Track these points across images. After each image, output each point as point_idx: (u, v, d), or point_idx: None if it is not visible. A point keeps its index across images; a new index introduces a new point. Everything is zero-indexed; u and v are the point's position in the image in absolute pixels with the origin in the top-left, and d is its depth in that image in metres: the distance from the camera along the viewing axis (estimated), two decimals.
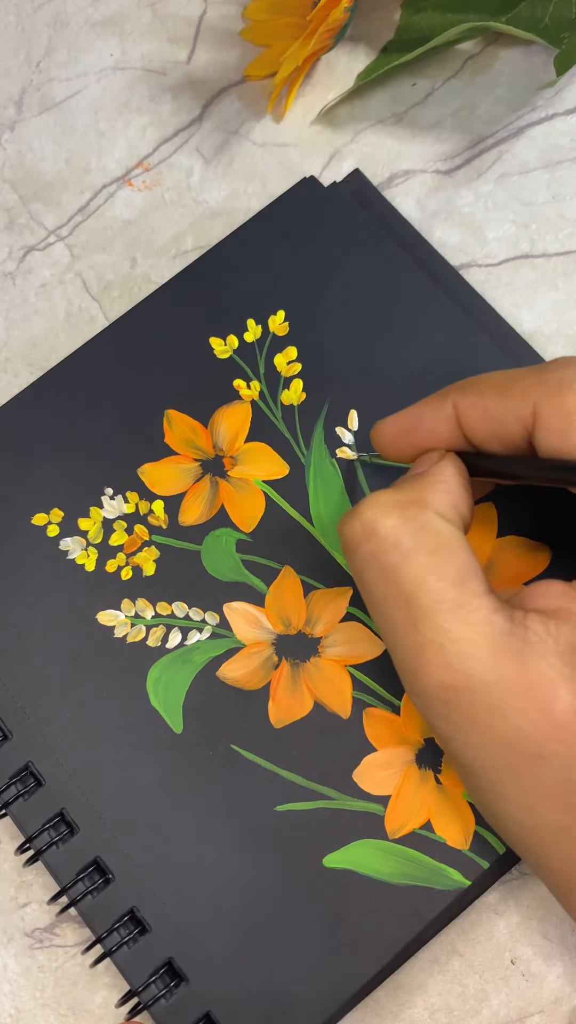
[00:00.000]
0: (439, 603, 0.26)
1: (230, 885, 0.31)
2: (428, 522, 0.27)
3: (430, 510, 0.27)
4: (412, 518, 0.27)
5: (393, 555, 0.26)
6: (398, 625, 0.26)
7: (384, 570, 0.26)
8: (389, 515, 0.27)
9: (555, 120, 0.39)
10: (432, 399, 0.29)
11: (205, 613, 0.34)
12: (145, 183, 0.40)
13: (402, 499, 0.27)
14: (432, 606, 0.26)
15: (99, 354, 0.36)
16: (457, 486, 0.28)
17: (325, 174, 0.40)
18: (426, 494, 0.27)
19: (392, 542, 0.26)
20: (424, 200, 0.39)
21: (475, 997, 0.32)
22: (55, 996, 0.33)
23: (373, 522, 0.27)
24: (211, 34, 0.42)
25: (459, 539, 0.27)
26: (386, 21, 0.41)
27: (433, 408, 0.29)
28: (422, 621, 0.26)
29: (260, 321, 0.36)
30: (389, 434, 0.30)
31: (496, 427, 0.28)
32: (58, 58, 0.42)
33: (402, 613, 0.26)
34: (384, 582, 0.27)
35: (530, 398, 0.27)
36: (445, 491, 0.27)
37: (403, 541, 0.26)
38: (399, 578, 0.26)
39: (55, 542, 0.35)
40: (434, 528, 0.26)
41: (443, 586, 0.26)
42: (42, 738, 0.33)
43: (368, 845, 0.31)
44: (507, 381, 0.28)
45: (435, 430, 0.29)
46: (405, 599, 0.26)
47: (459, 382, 0.29)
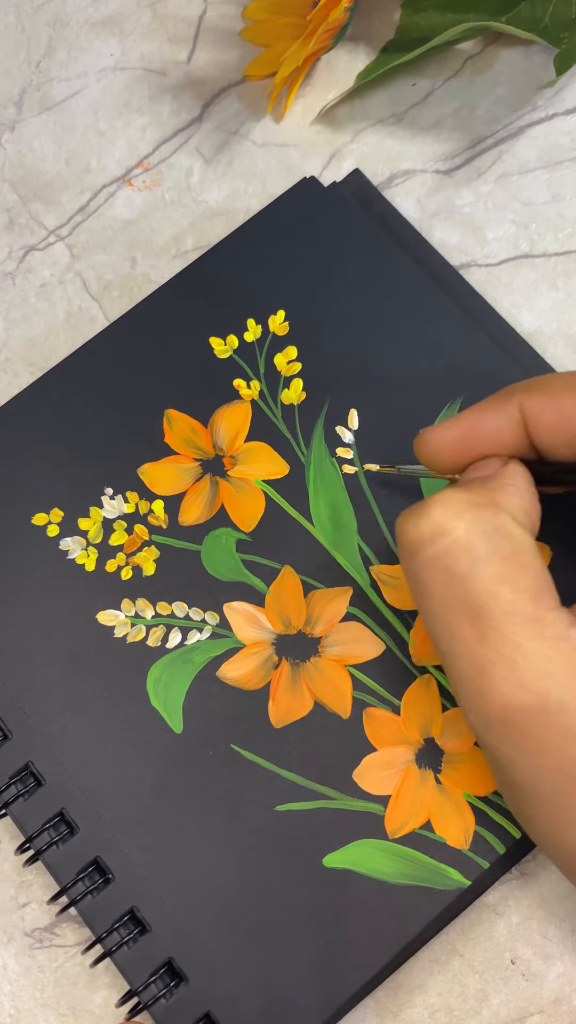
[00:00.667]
0: (512, 616, 0.24)
1: (230, 885, 0.31)
2: (503, 526, 0.24)
3: (505, 514, 0.25)
4: (486, 520, 0.24)
5: (464, 560, 0.24)
6: (462, 637, 0.24)
7: (451, 576, 0.24)
8: (462, 516, 0.25)
9: (555, 120, 0.39)
10: (493, 401, 0.27)
11: (205, 613, 0.34)
12: (145, 183, 0.40)
13: (476, 499, 0.25)
14: (504, 618, 0.24)
15: (99, 354, 0.36)
16: (528, 491, 0.26)
17: (325, 174, 0.40)
18: (499, 496, 0.25)
19: (463, 546, 0.24)
20: (424, 200, 0.39)
21: (475, 997, 0.32)
22: (55, 996, 0.33)
23: (443, 522, 0.25)
24: (211, 34, 0.42)
25: (533, 547, 0.25)
26: (386, 21, 0.41)
27: (495, 411, 0.27)
28: (492, 634, 0.24)
29: (260, 321, 0.36)
30: (444, 441, 0.28)
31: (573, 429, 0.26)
32: (58, 58, 0.42)
33: (468, 624, 0.24)
34: (449, 589, 0.24)
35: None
36: (517, 495, 0.25)
37: (476, 545, 0.24)
38: (469, 586, 0.24)
39: (55, 542, 0.35)
40: (509, 533, 0.24)
41: (517, 597, 0.24)
42: (42, 738, 0.33)
43: (368, 845, 0.31)
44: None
45: (498, 435, 0.27)
46: (473, 609, 0.24)
47: (522, 382, 0.27)
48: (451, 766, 0.31)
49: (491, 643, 0.24)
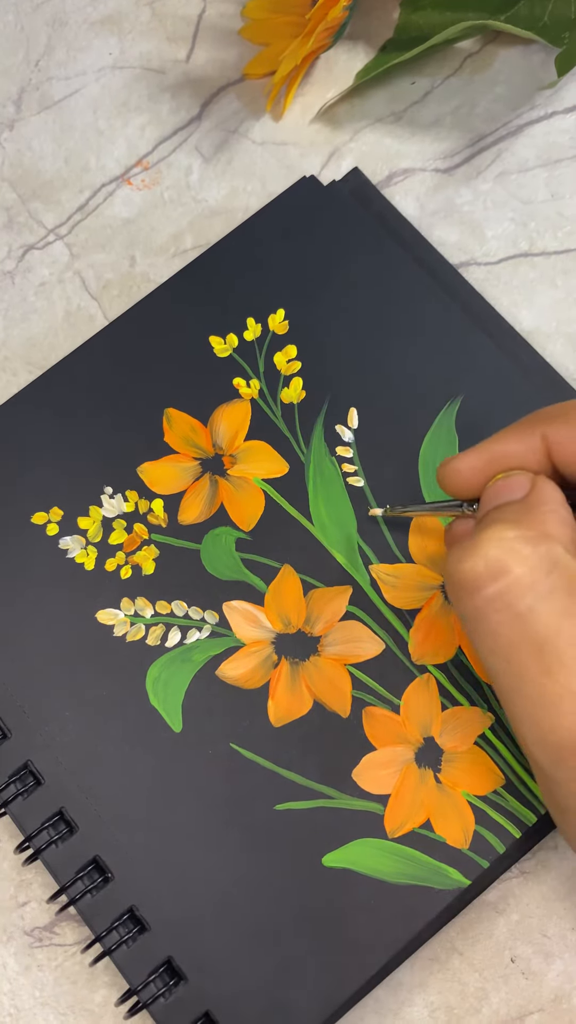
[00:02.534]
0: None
1: (229, 884, 0.31)
2: (559, 559, 0.25)
3: (559, 546, 0.25)
4: (544, 556, 0.24)
5: (527, 597, 0.24)
6: (527, 673, 0.24)
7: (515, 614, 0.24)
8: (519, 553, 0.25)
9: (554, 118, 0.39)
10: (515, 430, 0.27)
11: (204, 612, 0.34)
12: (144, 182, 0.40)
13: (529, 534, 0.25)
14: (571, 653, 0.24)
15: (98, 353, 0.36)
16: (567, 513, 0.26)
17: (324, 173, 0.40)
18: (548, 527, 0.25)
19: (527, 583, 0.24)
20: (423, 198, 0.39)
21: (475, 995, 0.32)
22: (54, 995, 0.33)
23: (502, 561, 0.25)
24: (210, 33, 0.42)
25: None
26: (385, 20, 0.41)
27: (519, 440, 0.27)
28: (559, 669, 0.24)
29: (260, 320, 0.36)
30: (466, 470, 0.28)
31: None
32: (57, 57, 0.42)
33: (533, 660, 0.24)
34: (513, 627, 0.25)
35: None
36: (561, 521, 0.25)
37: (538, 582, 0.24)
38: (533, 622, 0.24)
39: (55, 541, 0.35)
40: (566, 566, 0.24)
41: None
42: (41, 737, 0.33)
43: (367, 844, 0.31)
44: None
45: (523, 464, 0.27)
46: (538, 645, 0.24)
47: (543, 411, 0.27)
48: (451, 765, 0.31)
49: (559, 678, 0.24)
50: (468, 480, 0.28)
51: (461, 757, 0.32)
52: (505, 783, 0.31)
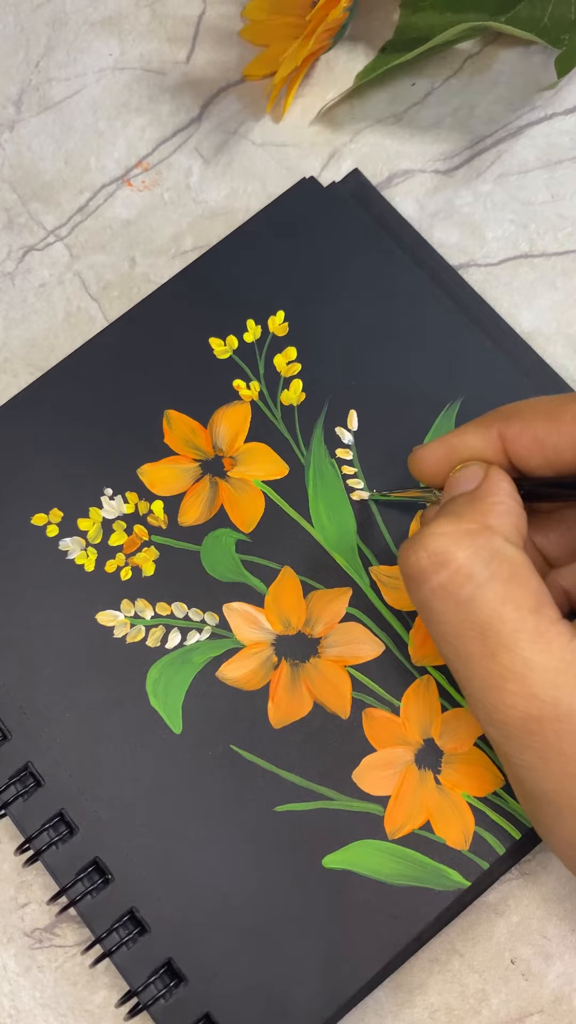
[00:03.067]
0: (518, 632, 0.25)
1: (229, 885, 0.31)
2: (498, 550, 0.26)
3: (498, 536, 0.26)
4: (482, 547, 0.26)
5: (467, 586, 0.26)
6: (473, 657, 0.26)
7: (457, 602, 0.26)
8: (459, 545, 0.26)
9: (554, 120, 0.39)
10: (473, 426, 0.29)
11: (205, 613, 0.34)
12: (144, 183, 0.40)
13: (469, 527, 0.26)
14: (511, 636, 0.25)
15: (98, 354, 0.36)
16: (514, 504, 0.27)
17: (324, 174, 0.40)
18: (489, 519, 0.26)
19: (465, 573, 0.26)
20: (423, 200, 0.39)
21: (475, 997, 0.32)
22: (54, 996, 0.33)
23: (443, 553, 0.26)
24: (210, 34, 0.42)
25: (528, 564, 0.26)
26: (385, 21, 0.41)
27: (477, 436, 0.29)
28: (501, 652, 0.25)
29: (260, 321, 0.36)
30: (430, 459, 0.30)
31: (548, 453, 0.27)
32: (57, 58, 0.42)
33: (478, 645, 0.25)
34: (457, 614, 0.26)
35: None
36: (506, 512, 0.27)
37: (476, 571, 0.26)
38: (474, 609, 0.25)
39: (54, 542, 0.35)
40: (505, 555, 0.26)
41: (520, 615, 0.25)
42: (41, 738, 0.33)
43: (367, 846, 0.31)
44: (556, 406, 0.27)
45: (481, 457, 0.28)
46: (481, 630, 0.25)
47: (500, 409, 0.29)
48: (451, 767, 0.32)
49: (502, 660, 0.25)
50: (431, 468, 0.30)
51: (461, 759, 0.32)
52: (505, 784, 0.31)
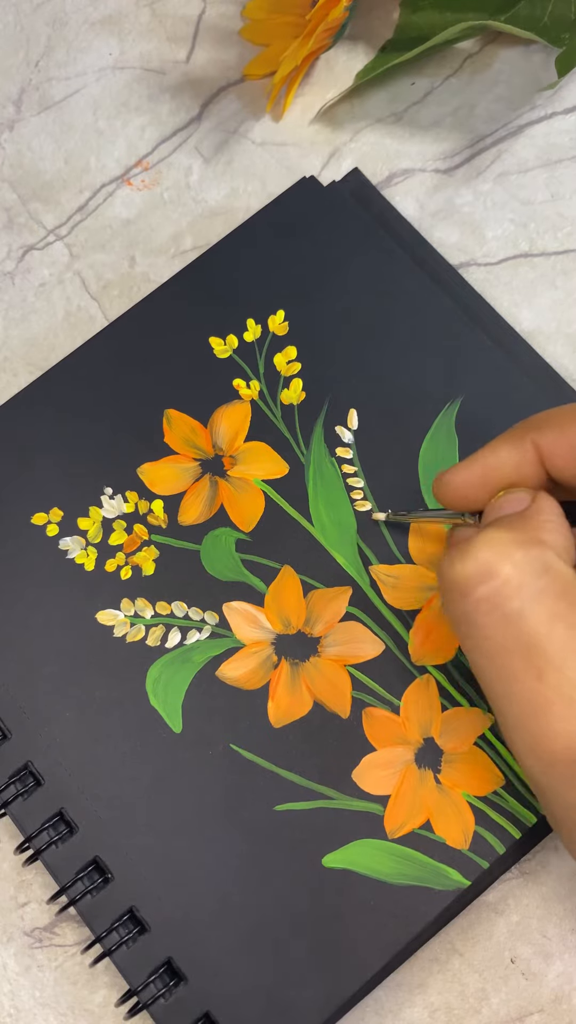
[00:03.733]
0: (569, 652, 0.23)
1: (229, 885, 0.31)
2: (551, 564, 0.24)
3: (551, 550, 0.25)
4: (536, 559, 0.24)
5: (516, 599, 0.24)
6: (517, 676, 0.24)
7: (504, 615, 0.24)
8: (510, 555, 0.24)
9: (554, 119, 0.39)
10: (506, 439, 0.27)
11: (204, 613, 0.34)
12: (144, 182, 0.40)
13: (520, 538, 0.25)
14: (561, 655, 0.24)
15: (98, 354, 0.36)
16: (564, 525, 0.26)
17: (324, 173, 0.40)
18: (542, 534, 0.25)
19: (516, 585, 0.24)
20: (423, 199, 0.39)
21: (475, 996, 0.32)
22: (54, 995, 0.33)
23: (492, 563, 0.24)
24: (210, 33, 0.42)
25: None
26: (385, 20, 0.41)
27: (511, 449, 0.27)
28: (550, 672, 0.24)
29: (260, 321, 0.36)
30: (461, 483, 0.28)
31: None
32: (57, 57, 0.42)
33: (523, 663, 0.24)
34: (502, 628, 0.24)
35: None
36: (556, 530, 0.25)
37: (528, 584, 0.24)
38: (522, 624, 0.24)
39: (55, 541, 0.35)
40: (558, 571, 0.24)
41: (572, 634, 0.24)
42: (41, 737, 0.33)
43: (367, 845, 0.31)
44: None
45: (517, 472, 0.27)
46: (527, 648, 0.24)
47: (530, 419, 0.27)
48: (451, 766, 0.31)
49: (549, 681, 0.24)
50: (462, 493, 0.28)
51: (461, 758, 0.32)
52: (505, 784, 0.31)
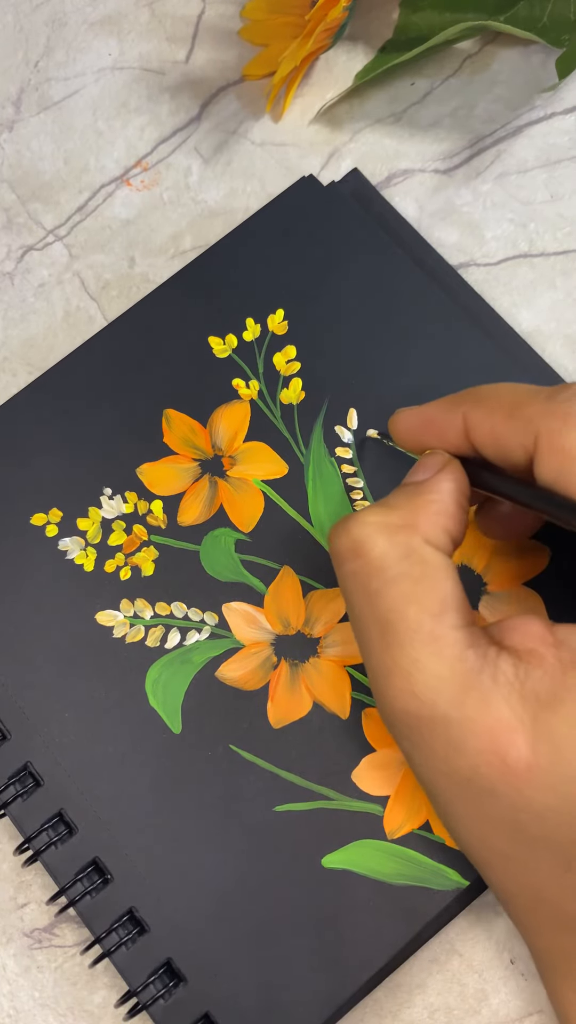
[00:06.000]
0: (414, 632, 0.25)
1: (229, 885, 0.31)
2: (415, 549, 0.26)
3: (419, 536, 0.26)
4: (400, 544, 0.26)
5: (376, 579, 0.26)
6: (372, 645, 0.26)
7: (366, 591, 0.26)
8: (377, 538, 0.26)
9: (554, 119, 0.39)
10: (445, 403, 0.29)
11: (204, 613, 0.34)
12: (143, 183, 0.40)
13: (393, 522, 0.27)
14: (407, 634, 0.25)
15: (97, 354, 0.36)
16: (452, 504, 0.27)
17: (324, 173, 0.40)
18: (419, 517, 0.27)
19: (377, 566, 0.26)
20: (423, 199, 0.39)
21: (474, 996, 0.32)
22: (54, 996, 0.33)
23: (361, 542, 0.26)
24: (209, 33, 0.42)
25: (445, 568, 0.26)
26: (384, 20, 0.41)
27: (444, 414, 0.28)
28: (395, 647, 0.26)
29: (259, 320, 0.36)
30: (402, 427, 0.30)
31: (501, 448, 0.27)
32: (56, 58, 0.42)
33: (377, 635, 0.26)
34: (364, 602, 0.26)
35: (533, 427, 0.26)
36: (438, 512, 0.27)
37: (388, 567, 0.26)
38: (379, 602, 0.26)
39: (54, 542, 0.35)
40: (421, 556, 0.26)
41: (421, 617, 0.25)
42: (41, 738, 0.33)
43: (367, 845, 0.31)
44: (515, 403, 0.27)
45: (445, 435, 0.28)
46: (382, 623, 0.26)
47: (473, 390, 0.28)
48: None
49: (394, 655, 0.26)
50: (403, 435, 0.30)
51: None
52: None
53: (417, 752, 0.26)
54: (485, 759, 0.24)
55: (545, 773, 0.24)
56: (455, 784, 0.25)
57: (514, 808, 0.24)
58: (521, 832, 0.25)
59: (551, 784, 0.24)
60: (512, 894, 0.26)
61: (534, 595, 0.33)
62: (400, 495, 0.28)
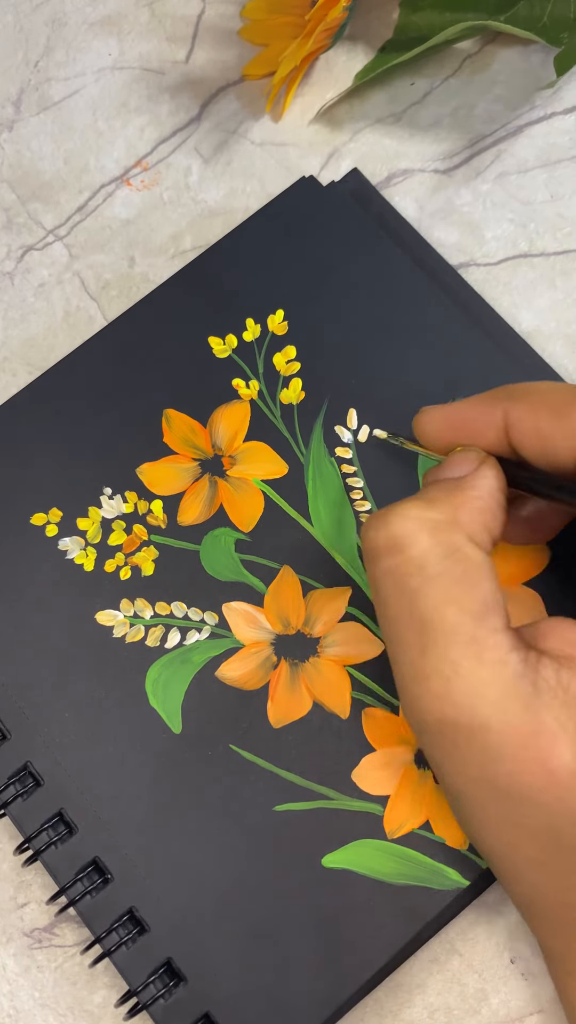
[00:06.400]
0: (454, 635, 0.25)
1: (229, 885, 0.31)
2: (458, 547, 0.25)
3: (462, 533, 0.25)
4: (443, 541, 0.25)
5: (416, 577, 0.25)
6: (407, 646, 0.25)
7: (403, 589, 0.25)
8: (419, 534, 0.25)
9: (553, 119, 0.39)
10: (482, 400, 0.28)
11: (204, 613, 0.34)
12: (143, 183, 0.40)
13: (435, 518, 0.26)
14: (446, 637, 0.25)
15: (97, 354, 0.36)
16: (494, 503, 0.26)
17: (324, 173, 0.40)
18: (460, 513, 0.26)
19: (418, 564, 0.25)
20: (423, 199, 0.39)
21: (474, 996, 0.32)
22: (54, 996, 0.33)
23: (401, 538, 0.25)
24: (209, 33, 0.42)
25: (486, 567, 0.25)
26: (384, 20, 0.41)
27: (483, 411, 0.28)
28: (433, 650, 0.25)
29: (259, 320, 0.36)
30: (434, 424, 0.29)
31: (546, 447, 0.26)
32: (56, 58, 0.42)
33: (414, 636, 0.25)
34: (401, 601, 0.25)
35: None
36: (480, 510, 0.26)
37: (429, 565, 0.25)
38: (418, 601, 0.25)
39: (54, 542, 0.35)
40: (464, 555, 0.25)
41: (462, 618, 0.25)
42: (41, 738, 0.33)
43: (367, 845, 0.31)
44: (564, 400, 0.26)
45: (482, 433, 0.28)
46: (420, 623, 0.25)
47: (511, 387, 0.28)
48: None
49: (431, 658, 0.25)
50: (431, 435, 0.29)
51: None
52: None
53: (449, 760, 0.25)
54: (527, 767, 0.24)
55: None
56: (489, 791, 0.25)
57: (553, 815, 0.24)
58: (558, 839, 0.24)
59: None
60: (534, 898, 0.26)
61: (534, 595, 0.33)
62: (438, 489, 0.27)
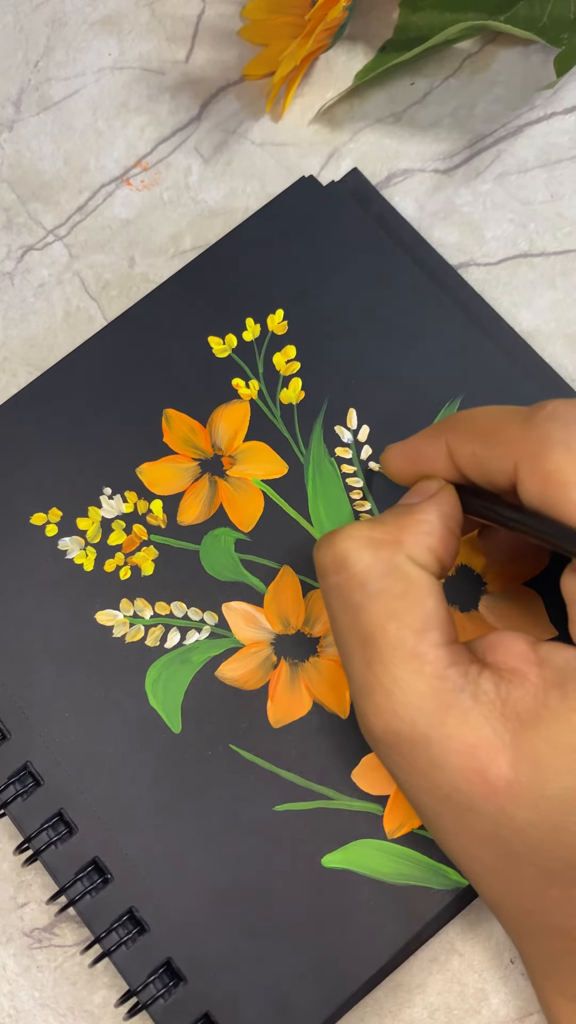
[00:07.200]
0: (395, 649, 0.25)
1: (229, 885, 0.31)
2: (399, 566, 0.26)
3: (403, 553, 0.26)
4: (383, 559, 0.26)
5: (358, 593, 0.26)
6: (354, 659, 0.26)
7: (348, 605, 0.26)
8: (361, 552, 0.26)
9: (553, 119, 0.39)
10: (429, 432, 0.29)
11: (204, 613, 0.34)
12: (143, 182, 0.40)
13: (378, 537, 0.27)
14: (388, 651, 0.25)
15: (97, 354, 0.36)
16: (440, 527, 0.27)
17: (324, 173, 0.40)
18: (405, 535, 0.27)
19: (359, 580, 0.26)
20: (423, 199, 0.39)
21: (474, 996, 0.32)
22: (54, 996, 0.33)
23: (345, 555, 0.26)
24: (209, 33, 0.42)
25: (429, 585, 0.26)
26: (384, 20, 0.41)
27: (430, 443, 0.28)
28: (376, 663, 0.25)
29: (259, 320, 0.36)
30: (396, 459, 0.30)
31: (484, 472, 0.27)
32: (56, 58, 0.42)
33: (359, 650, 0.26)
34: (346, 616, 0.26)
35: (512, 452, 0.26)
36: (425, 532, 0.27)
37: (370, 582, 0.26)
38: (361, 617, 0.26)
39: (53, 542, 0.35)
40: (404, 572, 0.26)
41: (402, 633, 0.25)
42: (40, 738, 0.33)
43: (367, 845, 0.31)
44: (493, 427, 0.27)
45: (434, 464, 0.28)
46: (364, 638, 0.26)
47: (453, 417, 0.28)
48: None
49: (375, 671, 0.25)
50: (395, 471, 0.30)
51: None
52: None
53: (399, 770, 0.26)
54: (465, 776, 0.24)
55: (526, 791, 0.24)
56: (437, 801, 0.25)
57: (496, 824, 0.24)
58: (505, 847, 0.25)
59: (532, 801, 0.24)
60: (500, 904, 0.26)
61: (534, 595, 0.33)
62: (390, 514, 0.28)
